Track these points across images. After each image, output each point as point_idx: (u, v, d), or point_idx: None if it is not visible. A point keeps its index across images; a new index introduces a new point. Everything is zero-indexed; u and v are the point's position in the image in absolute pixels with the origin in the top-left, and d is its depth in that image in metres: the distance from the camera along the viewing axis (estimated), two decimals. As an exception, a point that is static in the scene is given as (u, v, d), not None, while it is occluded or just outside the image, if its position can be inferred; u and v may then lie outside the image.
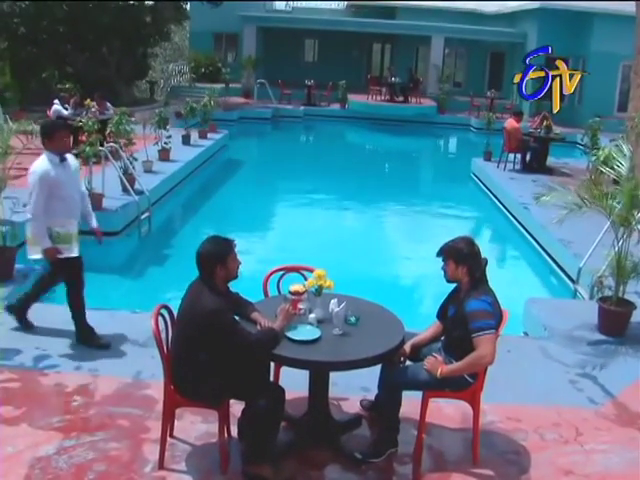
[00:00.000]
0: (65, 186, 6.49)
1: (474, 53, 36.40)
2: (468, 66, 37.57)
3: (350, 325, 5.05)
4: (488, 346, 4.80)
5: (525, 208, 13.51)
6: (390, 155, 25.67)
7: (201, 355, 4.69)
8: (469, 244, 5.12)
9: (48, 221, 6.42)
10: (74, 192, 6.65)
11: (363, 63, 38.09)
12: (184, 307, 4.81)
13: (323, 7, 39.74)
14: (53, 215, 6.43)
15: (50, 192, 6.35)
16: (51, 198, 6.37)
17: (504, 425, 5.76)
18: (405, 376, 5.12)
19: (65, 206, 6.50)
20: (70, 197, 6.57)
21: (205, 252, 4.77)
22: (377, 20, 34.40)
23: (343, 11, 39.47)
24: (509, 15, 33.16)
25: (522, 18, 31.40)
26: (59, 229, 6.50)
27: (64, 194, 6.47)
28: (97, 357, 6.55)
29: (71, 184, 6.60)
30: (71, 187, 6.60)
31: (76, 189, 6.72)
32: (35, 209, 6.36)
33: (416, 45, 36.89)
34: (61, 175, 6.44)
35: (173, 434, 5.30)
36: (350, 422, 5.64)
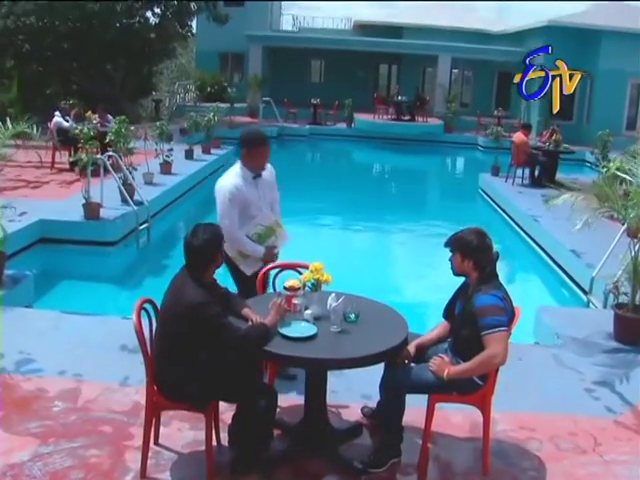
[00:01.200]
0: (256, 206, 5.95)
1: (481, 73, 36.25)
2: (475, 86, 37.41)
3: (349, 323, 4.65)
4: (499, 345, 4.41)
5: (535, 220, 13.23)
6: (396, 173, 25.36)
7: (185, 352, 4.34)
8: (479, 236, 4.74)
9: (246, 229, 5.96)
10: (265, 209, 6.07)
11: (369, 83, 37.83)
12: (167, 301, 4.47)
13: (329, 27, 39.75)
14: (246, 223, 5.96)
15: (240, 211, 5.86)
16: (241, 217, 5.89)
17: (516, 434, 5.36)
18: (409, 378, 4.72)
19: (257, 214, 6.02)
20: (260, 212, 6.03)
21: (204, 242, 4.40)
22: (384, 39, 34.21)
23: (350, 31, 39.45)
24: (516, 34, 32.96)
25: (529, 37, 31.13)
26: (257, 229, 6.00)
27: (254, 213, 5.96)
28: (83, 362, 6.19)
29: (263, 203, 6.03)
30: (262, 206, 6.02)
31: (267, 206, 6.12)
32: (229, 231, 5.68)
33: (423, 65, 36.72)
34: (252, 195, 5.90)
35: (158, 441, 4.92)
36: (350, 430, 5.24)
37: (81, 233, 11.02)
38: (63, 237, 10.97)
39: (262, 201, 6.00)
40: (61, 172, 15.57)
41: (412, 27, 35.86)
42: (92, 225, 11.11)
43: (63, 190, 13.73)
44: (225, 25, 28.50)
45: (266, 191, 6.07)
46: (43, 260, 10.72)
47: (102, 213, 11.45)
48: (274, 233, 6.04)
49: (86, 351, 6.43)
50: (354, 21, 39.93)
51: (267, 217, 6.01)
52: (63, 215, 11.33)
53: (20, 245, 10.07)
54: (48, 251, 10.91)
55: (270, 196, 6.15)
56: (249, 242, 5.90)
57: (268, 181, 6.14)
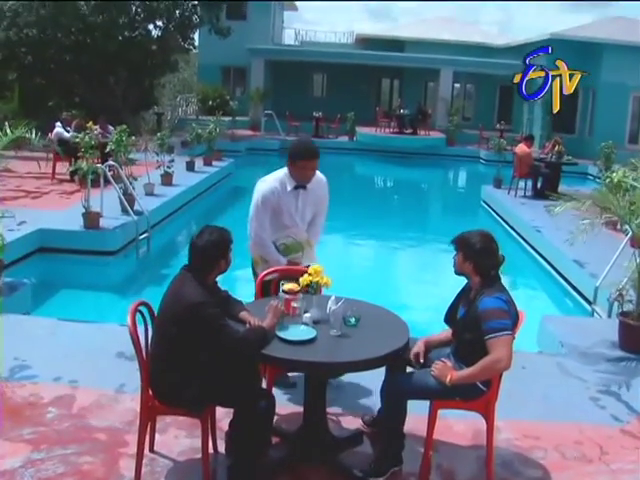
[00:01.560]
0: (290, 217, 5.79)
1: (483, 86, 36.28)
2: (477, 99, 37.42)
3: (349, 326, 4.54)
4: (504, 349, 4.29)
5: (537, 231, 13.15)
6: (399, 186, 25.29)
7: (182, 355, 4.22)
8: (484, 239, 4.62)
9: (274, 237, 5.82)
10: (300, 223, 5.87)
11: (371, 97, 37.86)
12: (165, 301, 4.36)
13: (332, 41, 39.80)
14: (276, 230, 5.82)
15: (273, 213, 5.72)
16: (274, 218, 5.76)
17: (521, 443, 5.24)
18: (410, 383, 4.60)
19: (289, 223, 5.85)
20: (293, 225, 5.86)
21: (210, 244, 4.31)
22: (386, 53, 34.19)
23: (352, 45, 39.49)
24: (518, 48, 32.85)
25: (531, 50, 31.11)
26: (286, 241, 5.85)
27: (288, 224, 5.81)
28: (78, 369, 6.07)
29: (299, 216, 5.83)
30: (297, 219, 5.83)
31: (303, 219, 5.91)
32: (256, 233, 5.73)
33: (425, 79, 36.73)
34: (288, 205, 5.74)
35: (154, 449, 4.80)
36: (350, 438, 5.11)
37: (80, 242, 10.94)
38: (62, 246, 10.91)
39: (298, 214, 5.82)
40: (62, 183, 15.49)
41: (414, 41, 35.93)
42: (91, 234, 11.03)
43: (63, 200, 13.66)
44: (227, 39, 28.48)
45: (307, 204, 5.85)
46: (42, 269, 10.65)
47: (102, 223, 11.38)
48: (302, 250, 5.89)
49: (82, 358, 6.32)
50: (356, 35, 39.98)
51: (300, 232, 5.88)
52: (63, 224, 11.27)
53: (19, 254, 10.00)
54: (47, 260, 10.85)
55: (312, 210, 5.92)
56: (273, 250, 5.76)
57: (314, 194, 5.88)
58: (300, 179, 5.69)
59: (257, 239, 5.72)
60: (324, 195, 6.02)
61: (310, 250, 5.94)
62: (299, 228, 5.85)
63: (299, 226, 5.85)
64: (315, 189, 5.87)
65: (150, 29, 26.19)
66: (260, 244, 5.74)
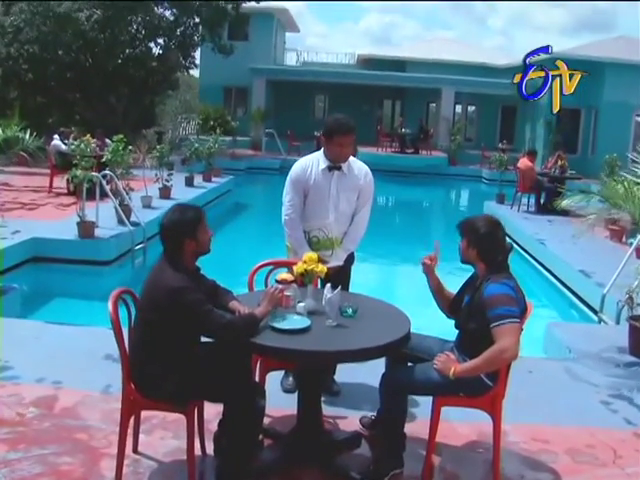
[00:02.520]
0: (324, 202, 5.34)
1: (485, 107, 36.14)
2: (479, 120, 37.29)
3: (346, 317, 4.26)
4: (510, 337, 4.00)
5: (541, 243, 12.91)
6: (400, 205, 25.01)
7: (164, 343, 3.95)
8: (490, 225, 4.37)
9: (306, 225, 5.43)
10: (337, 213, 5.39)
11: (373, 118, 37.67)
12: (145, 289, 4.10)
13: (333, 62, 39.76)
14: (309, 218, 5.42)
15: (305, 194, 5.36)
16: (306, 201, 5.39)
17: (529, 446, 4.94)
18: (411, 376, 4.30)
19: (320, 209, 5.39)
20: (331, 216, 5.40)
21: (170, 223, 4.07)
22: (387, 72, 34.10)
23: (354, 65, 39.46)
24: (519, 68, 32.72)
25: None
26: (318, 234, 5.42)
27: (324, 213, 5.37)
28: (63, 370, 5.79)
29: (334, 202, 5.35)
30: (330, 206, 5.36)
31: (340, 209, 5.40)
32: (284, 213, 5.40)
33: (426, 99, 36.61)
34: (322, 186, 5.31)
35: (138, 449, 4.52)
36: (347, 440, 4.81)
37: (74, 252, 10.67)
38: (56, 256, 10.65)
39: (331, 201, 5.34)
40: (59, 196, 15.26)
41: (416, 61, 35.89)
42: (86, 243, 10.77)
43: (59, 212, 13.41)
44: (229, 59, 28.39)
45: (342, 190, 5.35)
46: (35, 279, 10.39)
47: (97, 233, 11.14)
48: (332, 248, 5.43)
49: (68, 359, 6.05)
50: (357, 55, 39.94)
51: (332, 226, 5.39)
52: (57, 234, 11.01)
53: (11, 263, 9.78)
54: (40, 270, 10.57)
55: (348, 199, 5.39)
56: (300, 237, 5.37)
57: (352, 181, 5.40)
58: (336, 158, 5.28)
59: (286, 220, 5.36)
60: (366, 186, 5.51)
61: (340, 251, 5.46)
62: (331, 220, 5.37)
63: (331, 217, 5.37)
64: (354, 176, 5.43)
65: (151, 47, 26.09)
66: (289, 226, 5.39)
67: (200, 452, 4.49)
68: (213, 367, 4.06)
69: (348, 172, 5.39)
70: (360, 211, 5.52)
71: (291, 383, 5.53)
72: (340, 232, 5.46)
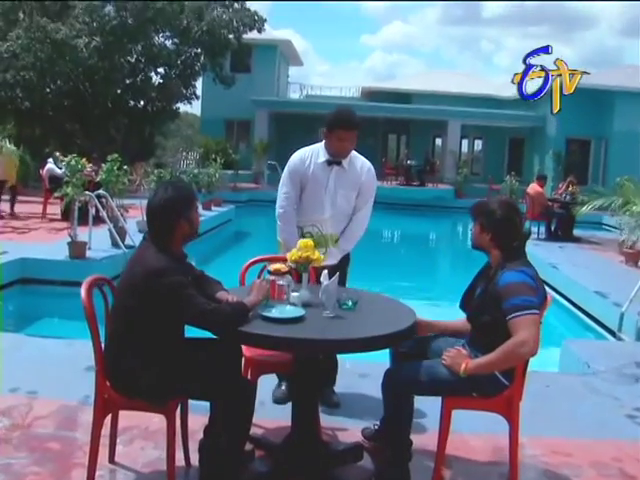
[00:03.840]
0: (320, 198, 5.00)
1: (492, 139, 35.89)
2: (486, 153, 36.99)
3: (346, 310, 3.82)
4: (529, 330, 3.56)
5: (554, 267, 12.45)
6: (407, 238, 24.60)
7: (142, 333, 3.54)
8: (506, 207, 3.96)
9: (300, 219, 5.07)
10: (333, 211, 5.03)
11: (378, 152, 37.36)
12: (124, 274, 3.72)
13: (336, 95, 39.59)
14: (303, 213, 5.08)
15: (302, 187, 5.04)
16: (302, 195, 5.06)
17: (549, 459, 4.47)
18: (417, 373, 3.83)
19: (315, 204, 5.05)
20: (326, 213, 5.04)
21: (164, 201, 3.65)
22: (392, 105, 33.88)
23: (358, 99, 39.26)
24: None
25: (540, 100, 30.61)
26: (312, 230, 5.04)
27: (319, 210, 5.03)
28: (40, 381, 5.35)
29: (330, 198, 5.00)
30: (327, 203, 5.01)
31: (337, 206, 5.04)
32: (278, 205, 5.07)
33: (432, 133, 36.40)
34: (320, 180, 4.99)
35: (114, 459, 4.08)
36: (347, 451, 4.34)
37: (65, 273, 10.16)
38: (46, 277, 10.16)
39: (328, 196, 4.99)
40: (52, 221, 14.87)
41: (421, 93, 35.62)
42: (77, 264, 10.28)
43: (51, 235, 13.03)
44: (231, 92, 28.23)
45: (340, 186, 5.00)
46: (23, 301, 9.94)
47: (89, 254, 10.70)
48: (326, 246, 4.99)
49: (46, 370, 5.63)
50: (362, 88, 39.74)
51: (327, 222, 5.02)
52: (47, 255, 10.58)
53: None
54: (29, 292, 10.12)
55: (346, 196, 5.04)
56: (293, 231, 5.00)
57: (352, 177, 5.04)
58: (336, 152, 4.95)
59: (280, 213, 5.00)
60: (368, 183, 5.14)
61: (335, 250, 5.06)
62: (326, 216, 5.00)
63: (326, 213, 5.00)
64: (354, 171, 5.07)
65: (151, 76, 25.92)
66: (282, 220, 5.02)
67: (184, 462, 4.06)
68: (197, 361, 3.64)
69: (348, 168, 5.04)
70: (360, 210, 5.14)
71: (283, 393, 5.10)
72: (336, 230, 5.08)
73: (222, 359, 3.75)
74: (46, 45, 21.98)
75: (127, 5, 22.41)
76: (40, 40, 21.98)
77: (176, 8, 23.97)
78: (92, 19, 22.39)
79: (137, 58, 24.78)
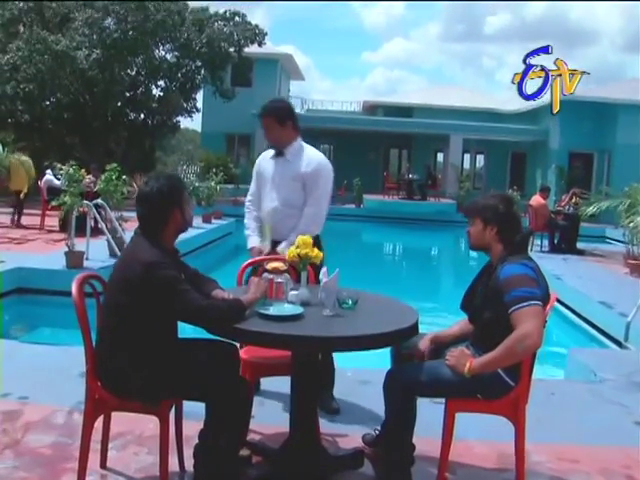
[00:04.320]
0: (267, 189, 5.11)
1: (494, 153, 35.71)
2: (488, 166, 36.82)
3: (346, 309, 3.68)
4: (532, 321, 3.43)
5: (557, 279, 12.27)
6: (409, 253, 24.43)
7: (133, 330, 3.41)
8: (506, 202, 3.87)
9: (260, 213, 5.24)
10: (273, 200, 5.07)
11: (379, 167, 37.32)
12: (115, 269, 3.59)
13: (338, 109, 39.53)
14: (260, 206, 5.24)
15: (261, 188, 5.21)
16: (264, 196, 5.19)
17: (555, 466, 4.33)
18: (420, 373, 3.70)
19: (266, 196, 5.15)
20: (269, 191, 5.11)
21: (158, 191, 3.53)
22: (394, 118, 33.79)
23: (359, 113, 39.20)
24: (529, 113, 32.34)
25: (543, 115, 30.52)
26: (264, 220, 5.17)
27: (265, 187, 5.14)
28: (33, 387, 5.21)
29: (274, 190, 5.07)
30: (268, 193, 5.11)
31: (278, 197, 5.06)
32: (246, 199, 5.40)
33: (434, 147, 36.25)
34: (267, 172, 5.13)
35: (106, 465, 3.94)
36: (347, 457, 4.21)
37: (62, 283, 9.91)
38: (42, 287, 10.00)
39: (274, 186, 5.06)
40: (50, 233, 14.72)
41: (423, 107, 35.51)
42: (74, 274, 10.04)
43: (49, 246, 12.87)
44: (232, 106, 28.13)
45: (284, 177, 5.03)
46: (19, 311, 9.77)
47: (87, 264, 10.54)
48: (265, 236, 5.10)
49: (39, 376, 5.48)
50: (363, 102, 39.66)
51: (268, 214, 5.08)
52: (44, 265, 10.44)
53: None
54: (25, 302, 9.97)
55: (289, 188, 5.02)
56: (251, 225, 5.27)
57: (295, 168, 5.01)
58: (268, 142, 5.17)
59: (245, 206, 5.25)
60: (312, 175, 5.02)
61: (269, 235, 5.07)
62: (268, 205, 5.08)
63: (273, 202, 5.05)
64: (297, 162, 5.04)
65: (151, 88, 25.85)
66: (246, 212, 5.23)
67: (178, 468, 3.93)
68: (192, 360, 3.52)
69: (292, 159, 5.06)
70: (308, 204, 5.06)
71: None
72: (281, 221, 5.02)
73: (218, 358, 3.62)
74: (46, 57, 21.91)
75: (128, 17, 22.37)
76: (40, 52, 21.94)
77: (177, 20, 23.95)
78: (92, 31, 22.33)
79: (137, 71, 24.72)
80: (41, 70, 21.97)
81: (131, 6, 22.22)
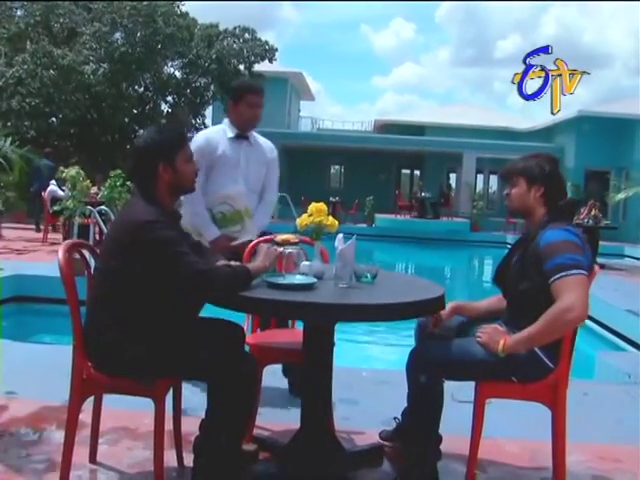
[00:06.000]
0: (231, 174, 4.72)
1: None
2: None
3: (364, 283, 3.28)
4: (576, 291, 3.04)
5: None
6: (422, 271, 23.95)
7: (127, 298, 3.04)
8: (552, 162, 3.48)
9: (208, 201, 4.68)
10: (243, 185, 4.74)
11: (391, 187, 36.95)
12: (108, 233, 3.30)
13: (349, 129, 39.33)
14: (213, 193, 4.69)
15: (209, 168, 4.68)
16: (210, 175, 4.70)
17: (598, 465, 3.93)
18: (448, 352, 3.29)
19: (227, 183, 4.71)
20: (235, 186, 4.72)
21: (143, 141, 3.22)
22: (406, 137, 33.47)
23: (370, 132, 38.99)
24: (544, 131, 32.07)
25: (558, 132, 30.26)
26: (223, 208, 4.64)
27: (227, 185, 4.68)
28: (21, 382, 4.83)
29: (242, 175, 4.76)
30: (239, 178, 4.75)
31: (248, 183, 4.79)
32: None
33: (446, 166, 35.86)
34: (230, 157, 4.73)
35: (96, 459, 3.54)
36: (365, 453, 3.81)
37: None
38: (42, 295, 9.58)
39: (241, 172, 4.76)
40: (53, 245, 14.33)
41: (435, 126, 35.24)
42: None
43: (51, 256, 12.45)
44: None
45: (252, 162, 4.83)
46: (17, 319, 9.38)
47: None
48: (241, 221, 4.65)
49: (29, 373, 5.14)
50: (375, 121, 39.46)
51: (240, 197, 4.67)
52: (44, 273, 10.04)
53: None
54: (24, 311, 9.58)
55: (258, 173, 4.86)
56: (205, 216, 4.63)
57: (261, 153, 4.90)
58: (246, 122, 4.77)
59: (187, 200, 4.46)
60: (273, 161, 5.02)
61: (250, 222, 4.70)
62: (239, 192, 4.67)
63: (240, 190, 4.68)
64: (262, 148, 4.95)
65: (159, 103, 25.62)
66: (190, 203, 4.53)
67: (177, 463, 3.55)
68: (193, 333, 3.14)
69: (255, 143, 4.91)
70: (267, 191, 5.01)
71: None
72: (250, 206, 4.75)
73: (221, 332, 3.23)
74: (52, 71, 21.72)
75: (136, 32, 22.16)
76: (46, 66, 21.72)
77: (186, 36, 23.76)
78: (100, 46, 22.14)
79: (146, 86, 24.53)
80: (46, 84, 21.74)
81: (139, 20, 22.02)
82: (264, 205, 4.95)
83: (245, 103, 4.72)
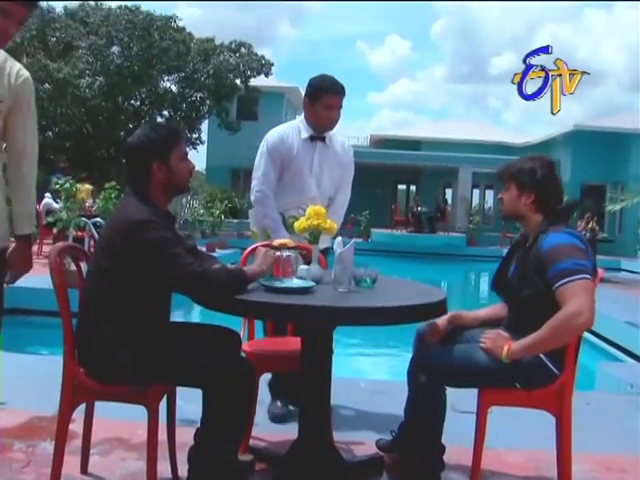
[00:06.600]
0: (305, 177, 4.48)
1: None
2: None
3: (364, 287, 3.19)
4: (583, 296, 2.95)
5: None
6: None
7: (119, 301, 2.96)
8: (545, 166, 3.37)
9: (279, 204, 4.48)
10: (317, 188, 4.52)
11: (387, 202, 36.89)
12: (101, 235, 3.20)
13: (346, 145, 39.34)
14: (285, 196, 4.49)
15: (282, 169, 4.47)
16: (283, 177, 4.49)
17: (604, 475, 3.84)
18: (450, 359, 3.20)
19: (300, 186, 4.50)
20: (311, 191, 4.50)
21: (135, 140, 3.11)
22: (402, 151, 33.44)
23: (367, 147, 38.95)
24: (540, 145, 32.03)
25: (554, 146, 30.23)
26: (296, 212, 4.33)
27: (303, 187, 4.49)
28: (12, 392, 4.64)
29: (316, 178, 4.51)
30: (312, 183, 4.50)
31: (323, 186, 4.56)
32: (256, 189, 4.49)
33: (442, 180, 35.79)
34: (304, 158, 4.47)
35: (87, 470, 3.44)
36: (364, 463, 3.71)
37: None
38: (35, 308, 9.48)
39: (314, 176, 4.49)
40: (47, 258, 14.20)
41: (431, 141, 35.21)
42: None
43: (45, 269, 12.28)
44: (237, 140, 27.97)
45: (326, 165, 4.53)
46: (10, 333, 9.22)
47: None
48: None
49: (21, 383, 4.99)
50: (371, 136, 39.43)
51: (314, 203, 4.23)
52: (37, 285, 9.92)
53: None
54: (17, 323, 9.42)
55: (331, 177, 4.57)
56: (277, 217, 4.41)
57: (336, 155, 4.59)
58: (323, 122, 4.45)
59: (259, 197, 4.38)
60: (348, 163, 4.71)
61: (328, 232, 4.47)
62: (313, 198, 4.38)
63: (314, 194, 4.44)
64: (338, 149, 4.61)
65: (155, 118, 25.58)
66: (263, 204, 4.41)
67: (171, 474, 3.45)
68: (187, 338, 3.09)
69: (331, 144, 4.59)
70: (342, 192, 4.71)
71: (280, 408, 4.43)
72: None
73: (218, 338, 3.14)
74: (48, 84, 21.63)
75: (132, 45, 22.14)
76: (42, 79, 21.62)
77: (182, 49, 23.75)
78: (96, 59, 22.12)
79: (142, 100, 24.51)
80: (42, 98, 21.57)
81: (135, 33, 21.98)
82: (334, 206, 4.62)
83: (321, 103, 4.40)
